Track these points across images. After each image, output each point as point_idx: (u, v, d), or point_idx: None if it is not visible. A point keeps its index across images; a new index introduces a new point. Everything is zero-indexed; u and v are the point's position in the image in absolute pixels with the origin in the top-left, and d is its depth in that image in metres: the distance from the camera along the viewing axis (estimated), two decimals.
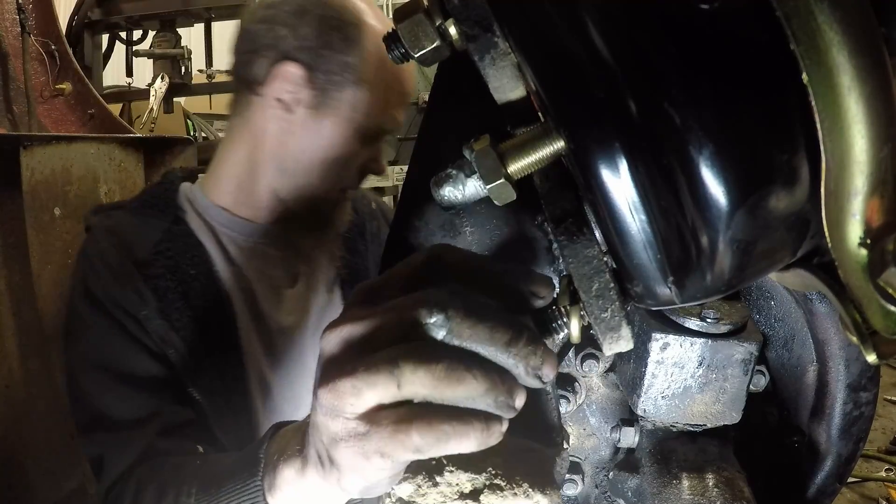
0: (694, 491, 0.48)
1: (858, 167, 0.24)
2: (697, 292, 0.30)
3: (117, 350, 0.87)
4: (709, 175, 0.26)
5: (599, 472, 0.57)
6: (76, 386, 0.90)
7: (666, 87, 0.26)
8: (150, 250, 0.92)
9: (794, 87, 0.24)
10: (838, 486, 0.55)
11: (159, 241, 0.93)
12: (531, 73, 0.29)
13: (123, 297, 0.89)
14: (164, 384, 0.88)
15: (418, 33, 0.34)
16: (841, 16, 0.22)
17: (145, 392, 0.86)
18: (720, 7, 0.25)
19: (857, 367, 0.51)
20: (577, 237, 0.32)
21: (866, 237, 0.25)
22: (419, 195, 0.48)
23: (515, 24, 0.29)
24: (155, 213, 0.97)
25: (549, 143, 0.30)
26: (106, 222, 0.97)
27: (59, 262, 1.87)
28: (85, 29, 3.07)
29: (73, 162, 1.91)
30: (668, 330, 0.47)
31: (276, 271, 1.02)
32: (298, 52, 0.91)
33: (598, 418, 0.56)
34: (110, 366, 0.87)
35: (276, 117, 0.95)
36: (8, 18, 2.28)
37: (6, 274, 1.77)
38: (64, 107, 2.47)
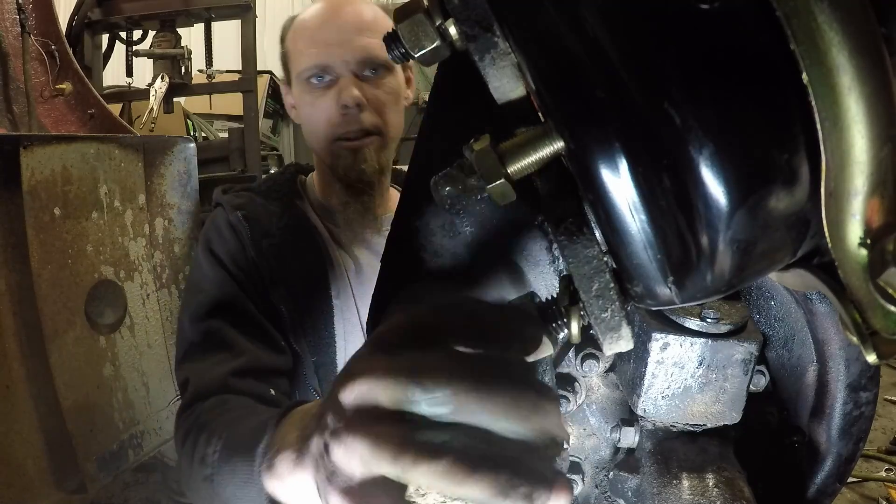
0: (694, 491, 0.48)
1: (858, 167, 0.24)
2: (697, 292, 0.30)
3: (227, 294, 1.03)
4: (709, 175, 0.26)
5: (599, 472, 0.57)
6: (182, 325, 1.06)
7: (666, 87, 0.26)
8: (275, 224, 1.09)
9: (794, 87, 0.24)
10: (838, 486, 0.55)
11: (280, 217, 1.11)
12: (531, 73, 0.29)
13: (243, 257, 1.05)
14: (260, 331, 1.01)
15: (418, 33, 0.34)
16: (841, 16, 0.22)
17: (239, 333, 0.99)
18: (720, 7, 0.25)
19: (857, 367, 0.51)
20: (577, 237, 0.32)
21: (866, 237, 0.25)
22: (419, 195, 0.48)
23: (515, 24, 0.29)
24: (278, 196, 1.16)
25: (549, 143, 0.30)
26: (235, 200, 1.13)
27: (59, 262, 1.87)
28: (85, 29, 3.07)
29: (73, 162, 1.91)
30: (668, 330, 0.47)
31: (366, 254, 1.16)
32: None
33: (598, 418, 0.56)
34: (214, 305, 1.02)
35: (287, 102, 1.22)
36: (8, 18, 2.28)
37: (6, 274, 1.77)
38: (64, 107, 2.47)
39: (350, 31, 1.09)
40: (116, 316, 2.05)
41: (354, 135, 1.10)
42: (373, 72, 1.10)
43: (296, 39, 1.14)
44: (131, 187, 2.13)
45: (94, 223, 1.99)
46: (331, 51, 1.08)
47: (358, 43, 1.08)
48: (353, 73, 1.09)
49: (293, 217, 1.13)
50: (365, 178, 1.14)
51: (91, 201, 1.98)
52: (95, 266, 1.99)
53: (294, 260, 1.08)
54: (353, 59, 1.08)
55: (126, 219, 2.11)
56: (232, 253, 1.06)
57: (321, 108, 1.11)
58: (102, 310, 2.01)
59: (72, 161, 1.91)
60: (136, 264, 2.14)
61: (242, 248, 1.06)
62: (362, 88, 1.09)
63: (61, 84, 2.41)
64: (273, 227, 1.09)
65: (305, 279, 1.08)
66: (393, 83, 1.13)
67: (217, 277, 1.05)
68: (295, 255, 1.08)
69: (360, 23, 1.10)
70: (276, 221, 1.11)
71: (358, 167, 1.12)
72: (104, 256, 2.02)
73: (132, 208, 2.14)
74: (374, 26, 1.11)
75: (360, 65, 1.08)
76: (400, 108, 1.17)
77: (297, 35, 1.13)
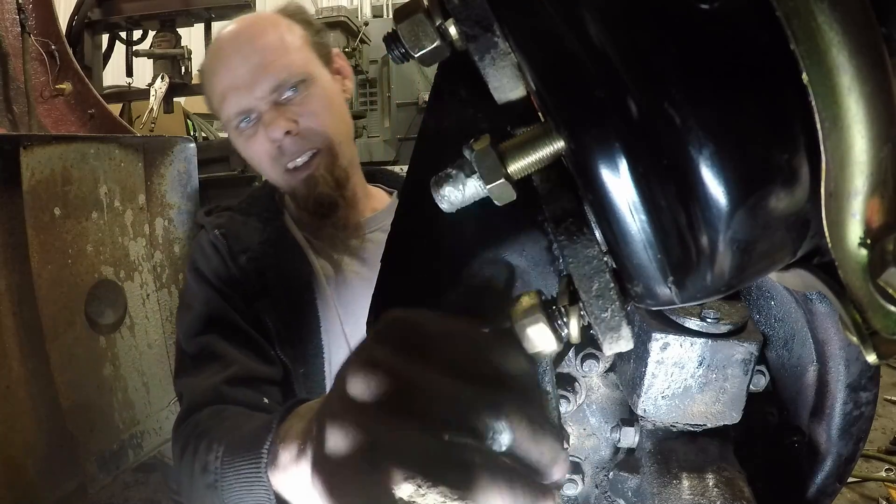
0: (694, 491, 0.48)
1: (858, 167, 0.24)
2: (697, 292, 0.30)
3: (213, 309, 1.04)
4: (709, 175, 0.26)
5: (599, 472, 0.57)
6: (178, 343, 1.08)
7: (666, 87, 0.26)
8: (255, 240, 1.11)
9: (794, 87, 0.24)
10: (838, 486, 0.55)
11: (262, 233, 1.12)
12: (531, 73, 0.29)
13: (226, 272, 1.07)
14: (249, 342, 1.02)
15: (418, 33, 0.34)
16: (841, 16, 0.22)
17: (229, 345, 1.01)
18: (720, 7, 0.25)
19: (857, 367, 0.51)
20: (577, 237, 0.32)
21: (866, 237, 0.25)
22: (419, 195, 0.48)
23: (515, 24, 0.29)
24: (257, 212, 1.17)
25: (549, 143, 0.30)
26: (216, 220, 1.15)
27: (59, 262, 1.87)
28: (85, 29, 3.07)
29: (73, 162, 1.91)
30: (668, 330, 0.47)
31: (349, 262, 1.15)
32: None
33: (598, 418, 0.56)
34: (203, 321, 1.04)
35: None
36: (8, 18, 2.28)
37: (6, 274, 1.77)
38: (64, 107, 2.47)
39: (254, 66, 1.04)
40: (116, 316, 2.05)
41: (301, 161, 1.08)
42: (293, 90, 1.06)
43: (209, 89, 1.11)
44: (131, 187, 2.13)
45: (94, 223, 2.00)
46: (242, 94, 1.05)
47: (266, 74, 1.04)
48: (274, 103, 1.05)
49: (274, 231, 1.13)
50: (324, 200, 1.10)
51: (91, 201, 1.98)
52: (95, 266, 1.99)
53: (276, 273, 1.08)
54: (268, 90, 1.04)
55: (126, 219, 2.12)
56: (215, 269, 1.08)
57: (257, 147, 1.08)
58: (102, 310, 2.01)
59: (72, 161, 1.91)
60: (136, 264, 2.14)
61: (225, 264, 1.08)
62: (287, 113, 1.05)
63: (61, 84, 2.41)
64: (253, 242, 1.10)
65: (289, 291, 1.08)
66: (318, 91, 1.08)
67: (204, 294, 1.06)
68: (276, 267, 1.08)
69: (262, 51, 1.05)
70: (257, 237, 1.11)
71: (314, 194, 1.09)
72: (104, 256, 2.02)
73: (132, 208, 2.14)
74: (277, 44, 1.07)
75: (276, 92, 1.05)
76: (337, 108, 1.12)
77: (208, 84, 1.11)
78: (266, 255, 1.09)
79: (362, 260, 1.15)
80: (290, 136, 1.05)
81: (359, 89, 5.76)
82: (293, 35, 1.09)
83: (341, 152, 1.11)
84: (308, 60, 1.09)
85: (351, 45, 5.37)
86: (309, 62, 1.09)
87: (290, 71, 1.05)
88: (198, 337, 1.03)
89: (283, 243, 1.12)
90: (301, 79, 1.06)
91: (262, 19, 1.13)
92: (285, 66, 1.04)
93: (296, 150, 1.06)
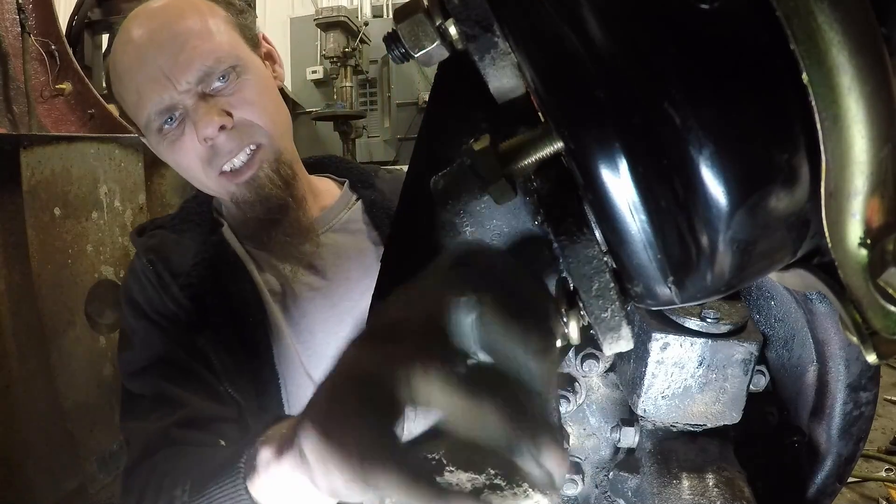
0: (694, 491, 0.48)
1: (858, 167, 0.24)
2: (697, 292, 0.30)
3: (154, 346, 0.92)
4: (709, 175, 0.26)
5: (599, 472, 0.57)
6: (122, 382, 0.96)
7: (666, 87, 0.26)
8: (189, 261, 0.97)
9: (794, 87, 0.24)
10: (838, 486, 0.55)
11: (196, 252, 0.98)
12: (531, 73, 0.29)
13: (162, 304, 0.94)
14: (197, 381, 0.91)
15: (418, 33, 0.34)
16: (841, 16, 0.22)
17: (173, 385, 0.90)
18: (720, 7, 0.25)
19: (857, 367, 0.51)
20: (577, 237, 0.32)
21: (866, 237, 0.25)
22: (419, 195, 0.48)
23: (515, 24, 0.29)
24: (191, 227, 1.02)
25: (549, 143, 0.30)
26: (148, 242, 1.02)
27: (59, 262, 1.87)
28: (85, 29, 3.08)
29: (73, 162, 1.92)
30: (668, 330, 0.47)
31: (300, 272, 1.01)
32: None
33: (598, 418, 0.56)
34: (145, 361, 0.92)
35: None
36: (8, 18, 2.28)
37: (6, 274, 1.77)
38: (64, 107, 2.47)
39: (174, 55, 0.87)
40: (116, 316, 2.05)
41: (240, 161, 0.92)
42: (221, 80, 0.89)
43: (121, 90, 0.93)
44: (131, 187, 2.13)
45: (94, 223, 2.00)
46: (162, 89, 0.87)
47: (189, 63, 0.87)
48: (201, 96, 0.88)
49: (210, 248, 0.99)
50: (273, 203, 0.95)
51: (91, 201, 1.98)
52: (95, 266, 1.99)
53: (215, 298, 0.94)
54: (193, 81, 0.88)
55: (126, 219, 2.12)
56: (151, 301, 0.95)
57: (185, 151, 0.91)
58: (102, 310, 2.01)
59: (72, 161, 1.91)
60: None
61: (158, 296, 0.95)
62: (218, 104, 0.89)
63: (61, 84, 2.41)
64: (186, 265, 0.96)
65: (232, 318, 0.94)
66: (251, 78, 0.92)
67: (142, 330, 0.94)
68: (215, 293, 0.95)
69: (181, 36, 0.87)
70: (191, 258, 0.97)
71: (261, 198, 0.94)
72: (104, 256, 2.02)
73: (132, 208, 2.14)
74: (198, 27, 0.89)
75: (203, 83, 0.89)
76: (272, 95, 0.96)
77: (119, 82, 0.92)
78: (202, 280, 0.95)
79: (315, 269, 1.01)
80: (225, 131, 0.89)
81: (359, 89, 5.76)
82: (215, 16, 0.93)
83: (283, 146, 0.97)
84: (235, 44, 0.92)
85: (351, 45, 5.38)
86: (236, 45, 0.92)
87: (216, 57, 0.88)
88: (142, 377, 0.92)
89: (221, 262, 0.98)
90: (231, 65, 0.90)
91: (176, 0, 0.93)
92: (211, 52, 0.88)
93: (232, 148, 0.90)
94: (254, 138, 0.92)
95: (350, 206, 1.09)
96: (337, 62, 5.37)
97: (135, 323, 0.96)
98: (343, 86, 5.45)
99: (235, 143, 0.90)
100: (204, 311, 0.94)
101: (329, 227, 1.05)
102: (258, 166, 0.93)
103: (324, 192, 1.10)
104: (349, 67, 5.43)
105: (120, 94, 0.94)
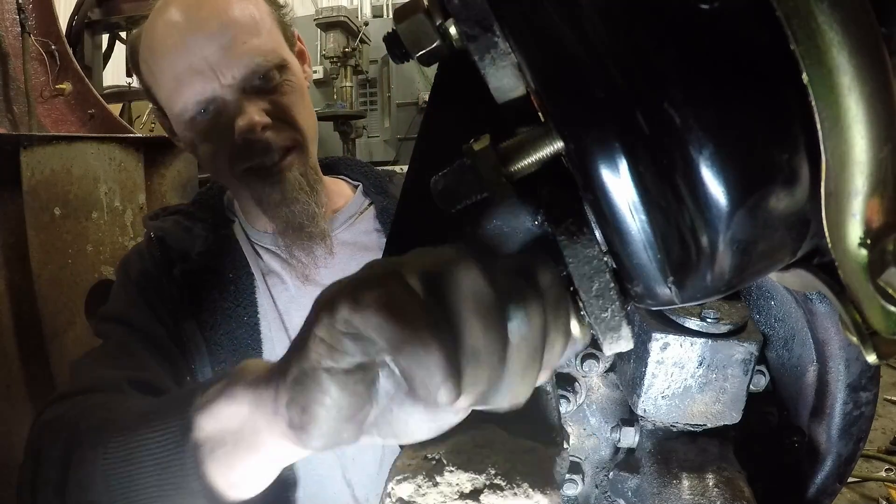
0: (694, 491, 0.48)
1: (858, 167, 0.24)
2: (697, 292, 0.30)
3: (136, 312, 0.91)
4: (709, 175, 0.26)
5: (599, 472, 0.57)
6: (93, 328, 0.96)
7: (666, 87, 0.26)
8: (195, 249, 0.97)
9: (794, 87, 0.24)
10: (838, 486, 0.55)
11: (203, 241, 0.98)
12: (531, 73, 0.29)
13: (158, 281, 0.94)
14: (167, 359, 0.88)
15: (418, 33, 0.34)
16: (841, 16, 0.22)
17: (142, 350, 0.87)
18: (720, 7, 0.25)
19: (857, 367, 0.51)
20: (577, 237, 0.32)
21: (866, 237, 0.25)
22: (419, 195, 0.48)
23: (515, 24, 0.29)
24: (204, 218, 1.02)
25: (549, 143, 0.30)
26: (160, 224, 1.01)
27: (59, 262, 1.87)
28: (85, 29, 3.08)
29: (73, 162, 1.91)
30: (668, 330, 0.47)
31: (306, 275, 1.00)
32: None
33: (598, 418, 0.56)
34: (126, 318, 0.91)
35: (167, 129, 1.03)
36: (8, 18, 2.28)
37: (6, 274, 1.78)
38: (64, 107, 2.47)
39: (222, 47, 0.85)
40: None
41: (270, 160, 0.90)
42: (262, 78, 0.89)
43: (155, 73, 0.91)
44: (131, 187, 2.13)
45: (94, 223, 2.00)
46: (206, 79, 0.86)
47: (238, 58, 0.86)
48: (242, 90, 0.88)
49: (218, 240, 0.99)
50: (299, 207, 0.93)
51: (91, 201, 1.98)
52: (95, 266, 1.99)
53: (212, 290, 0.94)
54: (239, 76, 0.86)
55: (126, 219, 2.12)
56: (147, 275, 0.95)
57: (216, 142, 0.90)
58: None
59: (72, 161, 1.91)
60: None
61: (157, 271, 0.95)
62: (259, 103, 0.88)
63: (61, 84, 2.41)
64: (193, 251, 0.96)
65: (225, 314, 0.93)
66: (292, 79, 0.92)
67: (128, 296, 0.94)
68: (215, 283, 0.94)
69: (230, 28, 0.86)
70: (199, 246, 0.97)
71: (288, 200, 0.92)
72: (104, 256, 2.02)
73: (132, 208, 2.14)
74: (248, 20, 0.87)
75: (248, 78, 0.87)
76: (306, 98, 0.96)
77: (155, 67, 0.90)
78: (203, 269, 0.95)
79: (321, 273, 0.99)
80: (262, 131, 0.88)
81: (359, 89, 5.76)
82: (261, 10, 0.91)
83: (312, 151, 0.97)
84: (279, 42, 0.92)
85: (351, 45, 5.38)
86: (280, 44, 0.92)
87: (265, 55, 0.87)
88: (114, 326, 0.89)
89: (226, 256, 0.97)
90: (276, 64, 0.89)
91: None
92: (259, 49, 0.87)
93: (265, 148, 0.89)
94: (287, 141, 0.91)
95: (362, 210, 1.08)
96: (337, 62, 5.37)
97: (122, 288, 0.96)
98: (343, 86, 5.45)
99: (270, 142, 0.89)
100: (199, 301, 0.93)
101: (339, 229, 1.04)
102: (289, 167, 0.92)
103: (336, 194, 1.09)
104: (349, 67, 5.43)
105: (152, 74, 0.92)
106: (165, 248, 0.97)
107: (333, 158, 1.19)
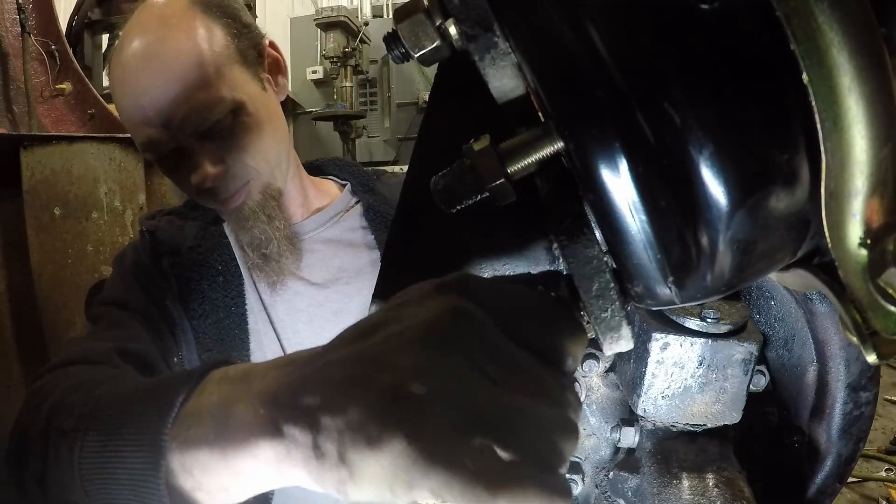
0: (694, 491, 0.48)
1: (858, 167, 0.24)
2: (697, 292, 0.30)
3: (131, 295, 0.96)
4: (709, 175, 0.26)
5: (599, 472, 0.57)
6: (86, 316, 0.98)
7: (666, 87, 0.26)
8: (186, 244, 1.01)
9: (794, 87, 0.24)
10: (838, 485, 0.55)
11: (194, 237, 1.03)
12: (531, 74, 0.29)
13: (150, 270, 0.99)
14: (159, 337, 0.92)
15: (418, 33, 0.34)
16: (841, 16, 0.22)
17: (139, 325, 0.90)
18: (720, 7, 0.25)
19: (857, 367, 0.51)
20: (577, 237, 0.32)
21: (866, 237, 0.25)
22: (419, 195, 0.48)
23: (515, 24, 0.29)
24: (197, 217, 1.07)
25: (550, 142, 0.30)
26: (153, 222, 1.06)
27: (59, 262, 1.87)
28: (85, 29, 3.08)
29: (73, 162, 1.92)
30: (668, 330, 0.47)
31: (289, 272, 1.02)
32: None
33: (598, 418, 0.56)
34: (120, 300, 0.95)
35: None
36: (8, 18, 2.28)
37: (6, 274, 1.78)
38: (64, 107, 2.47)
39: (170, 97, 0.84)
40: None
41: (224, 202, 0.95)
42: (215, 124, 0.87)
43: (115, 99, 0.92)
44: (131, 187, 2.13)
45: (94, 223, 2.00)
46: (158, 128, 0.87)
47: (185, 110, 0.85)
48: (196, 135, 0.88)
49: (209, 238, 1.03)
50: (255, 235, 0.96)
51: (91, 201, 1.98)
52: (95, 266, 1.99)
53: (203, 282, 0.98)
54: (189, 128, 0.87)
55: (126, 219, 2.11)
56: (140, 264, 0.99)
57: (176, 178, 0.95)
58: None
59: (72, 161, 1.91)
60: None
61: (148, 261, 1.00)
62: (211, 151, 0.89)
63: (61, 84, 2.41)
64: (183, 247, 1.01)
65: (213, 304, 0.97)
66: (247, 120, 0.90)
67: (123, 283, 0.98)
68: (204, 277, 0.98)
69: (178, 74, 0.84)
70: (190, 241, 1.01)
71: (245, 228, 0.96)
72: (104, 256, 2.02)
73: (132, 208, 2.14)
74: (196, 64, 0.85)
75: (198, 126, 0.87)
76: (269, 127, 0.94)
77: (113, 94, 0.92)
78: (193, 263, 0.99)
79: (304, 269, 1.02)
80: (214, 180, 0.90)
81: (359, 89, 5.77)
82: (215, 44, 0.88)
83: (274, 177, 0.97)
84: (236, 83, 0.90)
85: (351, 45, 5.38)
86: (237, 85, 0.90)
87: (214, 105, 0.86)
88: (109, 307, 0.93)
89: (215, 251, 1.01)
90: (230, 109, 0.88)
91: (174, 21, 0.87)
92: (208, 101, 0.86)
93: (223, 189, 0.93)
94: (241, 181, 0.94)
95: (349, 208, 1.11)
96: (337, 62, 5.37)
97: (119, 278, 1.00)
98: (343, 86, 5.45)
99: (227, 185, 0.93)
100: (188, 290, 0.97)
101: (323, 227, 1.07)
102: (245, 196, 0.95)
103: (322, 194, 1.11)
104: (349, 67, 5.43)
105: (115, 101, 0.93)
106: (156, 242, 1.01)
107: (324, 160, 1.22)
